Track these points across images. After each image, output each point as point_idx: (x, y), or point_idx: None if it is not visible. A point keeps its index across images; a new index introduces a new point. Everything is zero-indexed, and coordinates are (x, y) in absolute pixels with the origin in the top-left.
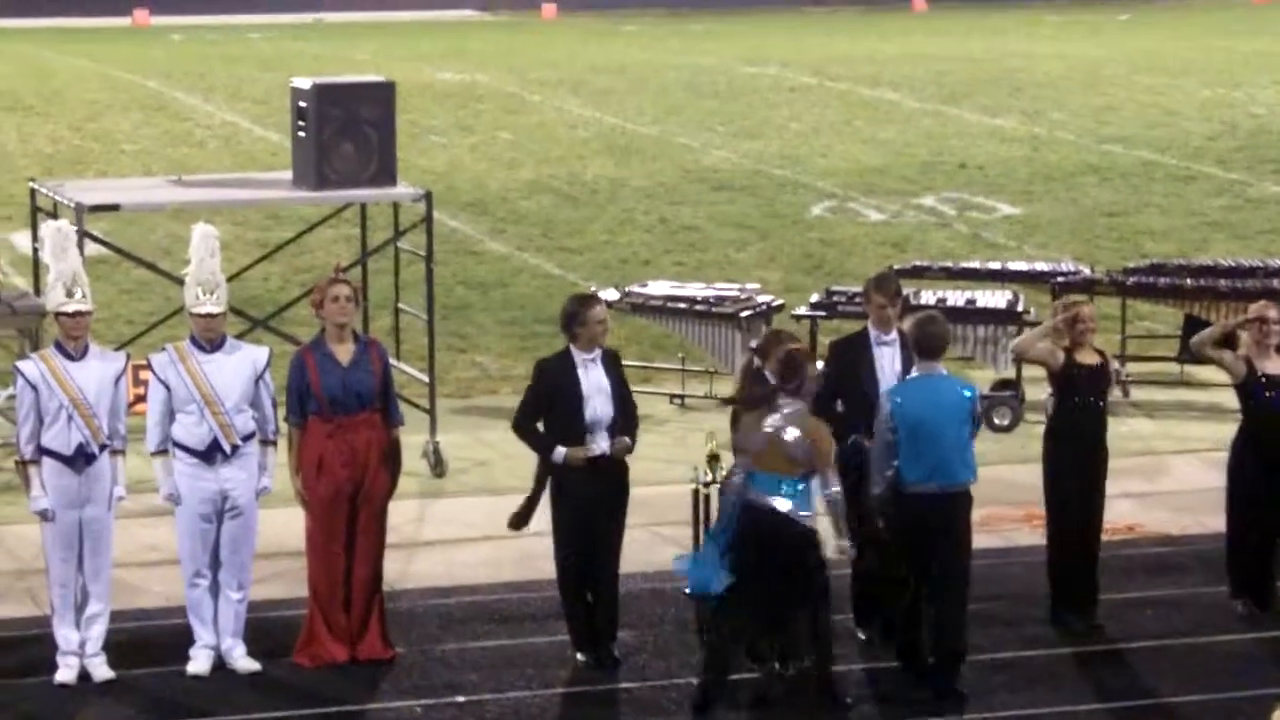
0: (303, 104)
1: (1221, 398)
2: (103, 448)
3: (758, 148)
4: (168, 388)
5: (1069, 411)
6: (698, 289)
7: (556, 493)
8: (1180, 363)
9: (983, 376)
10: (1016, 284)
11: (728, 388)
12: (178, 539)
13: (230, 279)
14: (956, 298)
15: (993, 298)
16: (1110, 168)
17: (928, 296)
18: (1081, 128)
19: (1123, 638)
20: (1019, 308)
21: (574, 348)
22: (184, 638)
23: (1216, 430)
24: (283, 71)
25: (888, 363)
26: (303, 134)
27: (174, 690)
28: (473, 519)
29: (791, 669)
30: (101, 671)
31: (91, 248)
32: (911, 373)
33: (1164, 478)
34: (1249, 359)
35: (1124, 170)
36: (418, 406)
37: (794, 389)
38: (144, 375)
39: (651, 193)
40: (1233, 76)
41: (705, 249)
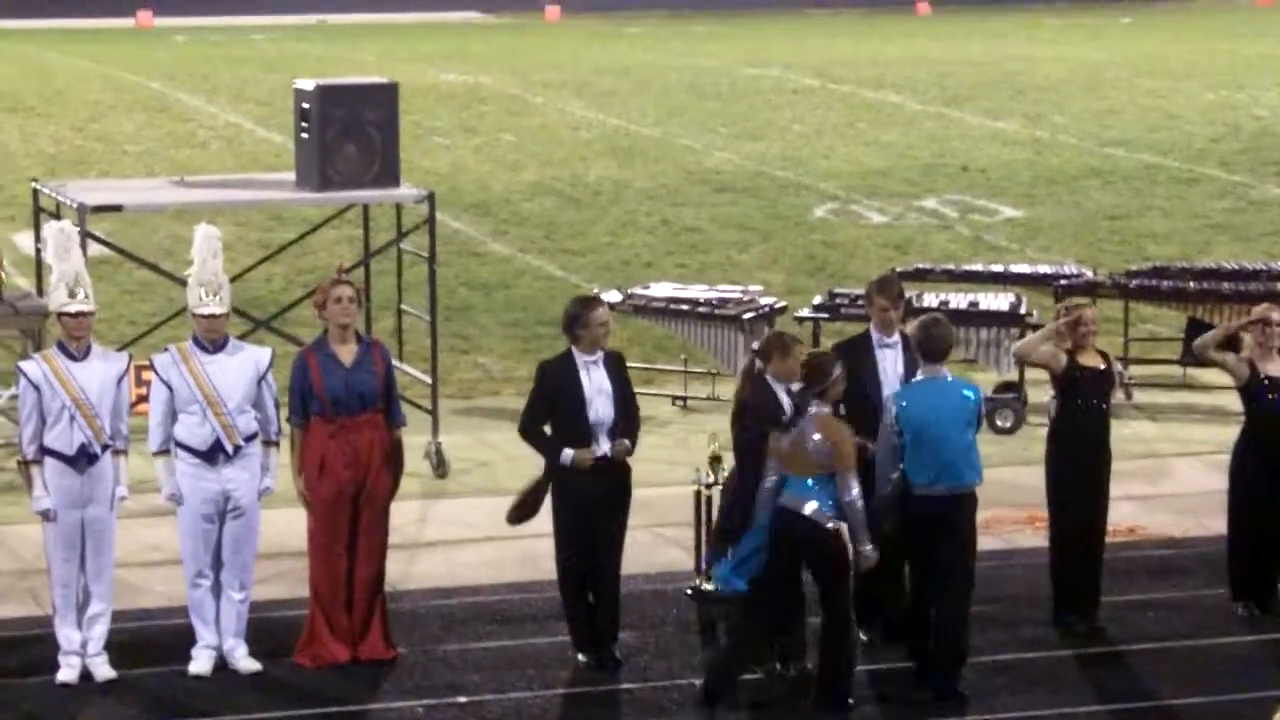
0: (306, 105)
1: (1224, 400)
2: (105, 448)
3: (760, 149)
4: (170, 388)
5: (1072, 414)
6: (700, 291)
7: (558, 494)
8: (1183, 365)
9: (985, 379)
10: (1019, 287)
11: (729, 389)
12: (179, 539)
13: (233, 280)
14: (959, 300)
15: (995, 300)
16: (1113, 170)
17: (930, 299)
18: (1084, 130)
19: (1124, 640)
20: (1021, 310)
21: (576, 350)
22: (186, 638)
23: (1219, 433)
24: (286, 73)
25: (890, 365)
26: (306, 135)
27: (175, 690)
28: (475, 520)
29: (792, 670)
30: (103, 671)
31: (94, 248)
32: (916, 375)
33: (1166, 480)
34: (1252, 361)
35: (1126, 173)
36: (420, 407)
37: (820, 392)
38: (146, 376)
39: (654, 194)
40: (1236, 79)
41: (708, 251)
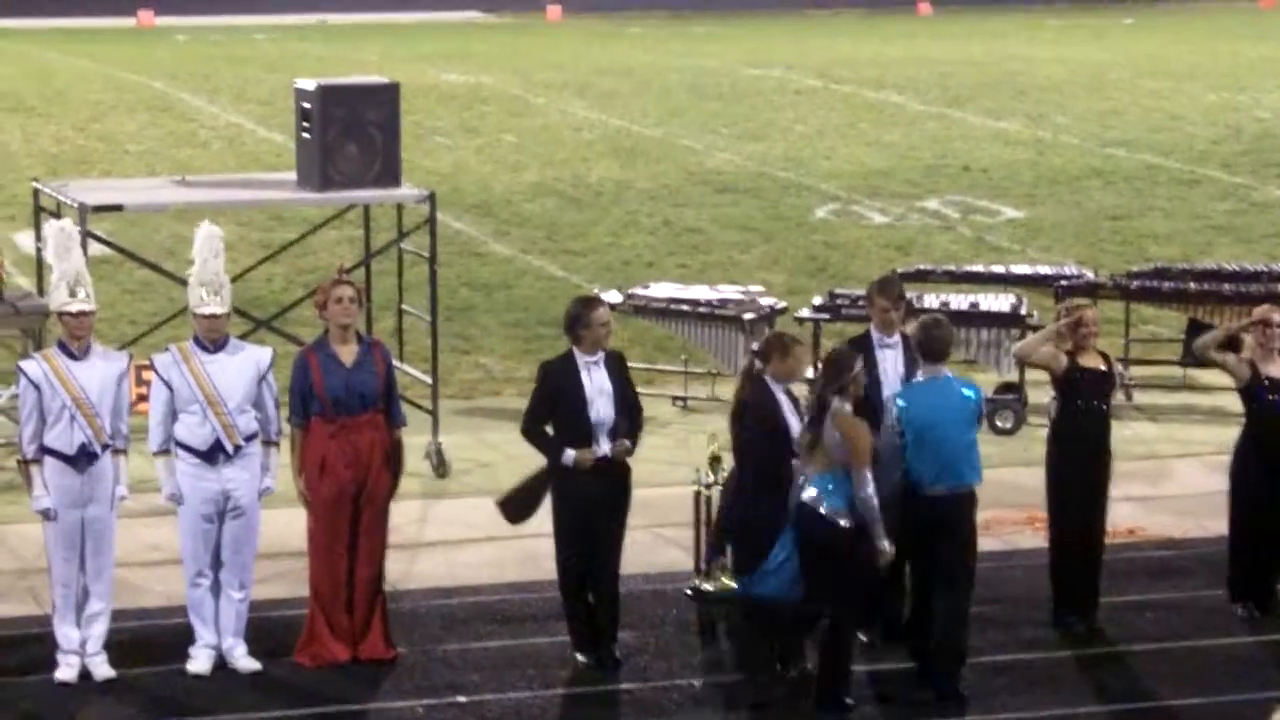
0: (307, 105)
1: (1224, 401)
2: (105, 447)
3: (762, 150)
4: (170, 388)
5: (1072, 415)
6: (701, 291)
7: (558, 494)
8: (1183, 366)
9: (986, 380)
10: (1020, 287)
11: (729, 389)
12: (179, 539)
13: (234, 280)
14: (960, 301)
15: (996, 301)
16: (1114, 171)
17: (931, 300)
18: (1085, 131)
19: (1123, 640)
20: (1022, 311)
21: (577, 350)
22: (185, 637)
23: (1219, 434)
24: (287, 73)
25: (890, 365)
26: (307, 135)
27: (175, 689)
28: (475, 520)
29: (793, 671)
30: (102, 670)
31: (95, 248)
32: (916, 376)
33: (1166, 481)
34: (1252, 362)
35: (1128, 174)
36: (420, 408)
37: (840, 388)
38: (146, 375)
39: (655, 195)
40: (1238, 80)
41: (709, 251)
